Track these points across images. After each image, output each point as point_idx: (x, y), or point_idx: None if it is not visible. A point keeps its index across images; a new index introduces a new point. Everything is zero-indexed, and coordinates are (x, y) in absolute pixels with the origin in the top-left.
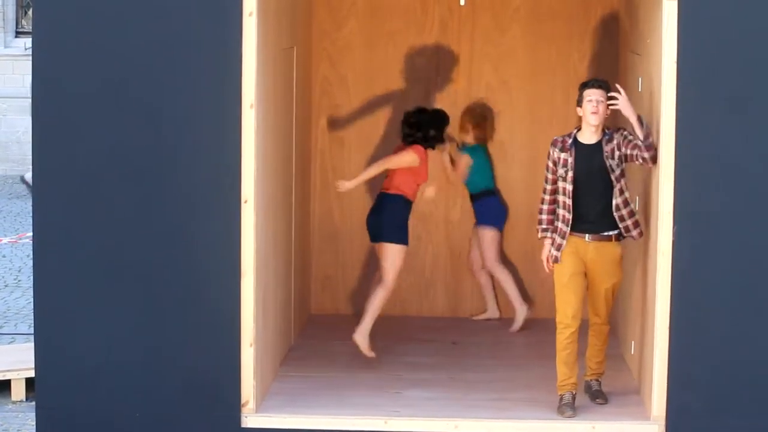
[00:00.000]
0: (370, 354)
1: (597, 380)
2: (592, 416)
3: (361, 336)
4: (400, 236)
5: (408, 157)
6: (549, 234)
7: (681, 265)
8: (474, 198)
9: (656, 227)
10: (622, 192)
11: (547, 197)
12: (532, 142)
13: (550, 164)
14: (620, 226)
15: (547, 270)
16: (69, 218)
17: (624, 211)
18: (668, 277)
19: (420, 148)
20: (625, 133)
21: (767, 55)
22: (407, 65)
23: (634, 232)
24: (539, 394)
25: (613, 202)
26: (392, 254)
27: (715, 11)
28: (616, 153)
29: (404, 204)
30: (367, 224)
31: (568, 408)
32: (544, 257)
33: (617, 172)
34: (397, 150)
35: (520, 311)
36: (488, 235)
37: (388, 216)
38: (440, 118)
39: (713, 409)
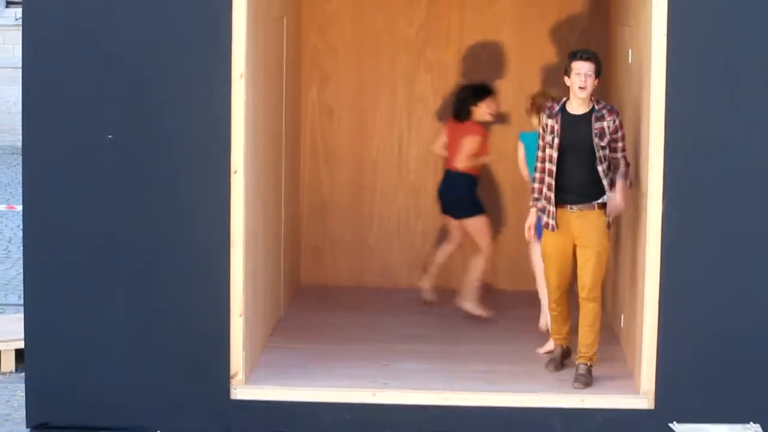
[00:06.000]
0: (486, 313)
1: (585, 364)
2: (581, 389)
3: (470, 303)
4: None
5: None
6: (539, 203)
7: (670, 238)
8: None
9: (646, 201)
10: (604, 161)
11: (539, 165)
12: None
13: (541, 131)
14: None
15: (527, 238)
16: (58, 190)
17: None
18: (657, 251)
19: (474, 125)
20: (618, 131)
21: (758, 26)
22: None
23: (610, 193)
24: (528, 367)
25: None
26: (478, 226)
27: None
28: (605, 138)
29: (473, 180)
30: (441, 200)
31: (551, 363)
32: (526, 225)
33: (602, 152)
34: (452, 127)
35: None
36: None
37: (465, 193)
38: (474, 90)
39: (702, 383)
